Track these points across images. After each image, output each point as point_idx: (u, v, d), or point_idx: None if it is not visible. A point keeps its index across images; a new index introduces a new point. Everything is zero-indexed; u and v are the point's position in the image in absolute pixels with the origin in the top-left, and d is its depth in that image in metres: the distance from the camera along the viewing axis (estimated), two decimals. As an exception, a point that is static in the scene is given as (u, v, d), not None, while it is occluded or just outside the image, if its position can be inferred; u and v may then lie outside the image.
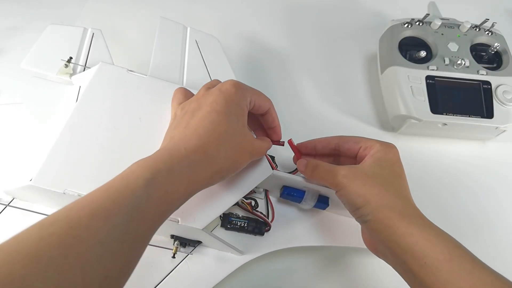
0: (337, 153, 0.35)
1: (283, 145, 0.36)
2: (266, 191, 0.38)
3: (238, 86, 0.30)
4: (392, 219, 0.28)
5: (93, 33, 0.43)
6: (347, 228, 0.38)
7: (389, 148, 0.32)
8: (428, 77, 0.46)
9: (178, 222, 0.30)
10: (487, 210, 0.45)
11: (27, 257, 0.18)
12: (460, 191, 0.46)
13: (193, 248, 0.34)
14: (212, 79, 0.43)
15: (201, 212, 0.31)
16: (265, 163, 0.34)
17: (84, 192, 0.28)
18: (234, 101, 0.30)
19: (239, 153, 0.29)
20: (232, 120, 0.29)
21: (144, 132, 0.33)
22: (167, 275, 0.33)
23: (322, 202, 0.36)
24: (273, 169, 0.34)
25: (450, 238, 0.27)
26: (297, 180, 0.35)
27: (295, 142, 0.37)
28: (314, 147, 0.36)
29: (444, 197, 0.45)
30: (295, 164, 0.36)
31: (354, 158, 0.34)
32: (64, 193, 0.29)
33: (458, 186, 0.46)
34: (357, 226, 0.37)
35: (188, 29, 0.47)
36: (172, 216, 0.29)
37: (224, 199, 0.31)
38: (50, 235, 0.20)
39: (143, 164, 0.25)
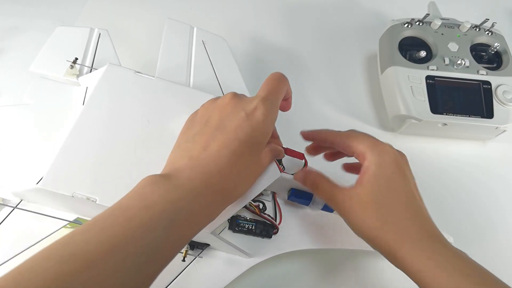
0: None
1: (302, 158, 0.35)
2: (273, 194, 0.38)
3: (268, 111, 0.27)
4: (388, 245, 0.27)
5: (100, 34, 0.43)
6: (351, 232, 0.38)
7: (382, 156, 0.29)
8: (428, 77, 0.46)
9: None
10: (487, 210, 0.45)
11: None
12: (460, 191, 0.46)
13: (201, 250, 0.34)
14: (219, 80, 0.43)
15: None
16: (273, 166, 0.33)
17: (92, 195, 0.28)
18: (261, 130, 0.27)
19: (252, 182, 0.29)
20: (254, 152, 0.28)
21: (153, 134, 0.33)
22: (175, 278, 0.33)
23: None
24: (280, 171, 0.34)
25: (450, 261, 0.25)
26: None
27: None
28: (313, 139, 0.35)
29: (444, 197, 0.45)
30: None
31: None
32: (72, 196, 0.28)
33: (458, 186, 0.46)
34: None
35: (195, 29, 0.47)
36: None
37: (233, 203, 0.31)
38: (69, 274, 0.19)
39: (166, 197, 0.23)
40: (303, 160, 0.37)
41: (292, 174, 0.36)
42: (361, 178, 0.29)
